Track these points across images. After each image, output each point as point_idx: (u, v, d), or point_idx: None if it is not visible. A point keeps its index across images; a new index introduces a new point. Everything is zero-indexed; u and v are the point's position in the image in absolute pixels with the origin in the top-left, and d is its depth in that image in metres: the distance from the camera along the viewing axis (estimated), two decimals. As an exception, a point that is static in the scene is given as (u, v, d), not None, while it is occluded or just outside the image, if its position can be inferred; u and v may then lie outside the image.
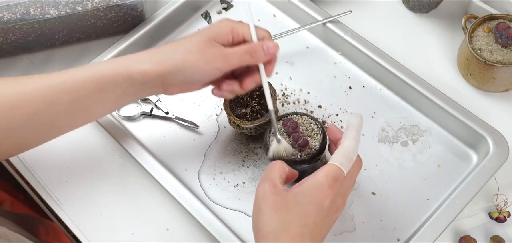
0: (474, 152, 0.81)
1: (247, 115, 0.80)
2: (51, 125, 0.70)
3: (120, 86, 0.69)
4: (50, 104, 0.67)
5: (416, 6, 0.95)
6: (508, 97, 0.87)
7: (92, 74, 0.69)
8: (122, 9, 0.89)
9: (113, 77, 0.68)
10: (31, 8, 0.84)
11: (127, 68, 0.69)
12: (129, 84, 0.69)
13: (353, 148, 0.64)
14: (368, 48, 0.87)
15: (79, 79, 0.68)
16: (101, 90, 0.68)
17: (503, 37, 0.84)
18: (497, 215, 0.75)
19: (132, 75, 0.68)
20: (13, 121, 0.66)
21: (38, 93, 0.67)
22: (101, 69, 0.69)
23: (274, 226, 0.61)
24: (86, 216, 0.78)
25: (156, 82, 0.69)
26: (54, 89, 0.67)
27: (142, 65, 0.69)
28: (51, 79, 0.68)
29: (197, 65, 0.68)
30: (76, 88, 0.68)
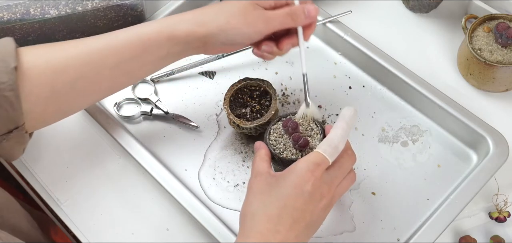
0: (474, 152, 0.81)
1: (247, 115, 0.80)
2: (95, 88, 0.70)
3: (163, 47, 0.70)
4: (94, 67, 0.68)
5: (416, 6, 0.95)
6: (508, 97, 0.87)
7: (137, 36, 0.69)
8: (122, 9, 0.89)
9: (157, 38, 0.69)
10: (31, 8, 0.84)
11: (171, 29, 0.70)
12: (172, 44, 0.70)
13: (339, 138, 0.65)
14: (368, 48, 0.87)
15: (123, 41, 0.69)
16: (145, 51, 0.69)
17: (503, 37, 0.84)
18: (497, 215, 0.75)
19: (176, 36, 0.69)
20: (58, 87, 0.67)
21: (83, 57, 0.67)
22: (145, 31, 0.70)
23: (254, 207, 0.63)
24: (86, 216, 0.78)
25: (198, 43, 0.70)
26: (98, 52, 0.68)
27: (186, 25, 0.70)
28: (95, 42, 0.69)
29: (239, 27, 0.69)
30: (121, 50, 0.69)
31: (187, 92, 0.88)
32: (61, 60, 0.67)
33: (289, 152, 0.73)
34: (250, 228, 0.62)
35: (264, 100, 0.81)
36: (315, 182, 0.63)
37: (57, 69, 0.66)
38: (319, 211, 0.64)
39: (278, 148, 0.73)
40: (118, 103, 0.86)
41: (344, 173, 0.67)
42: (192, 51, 0.72)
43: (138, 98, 0.87)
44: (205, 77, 0.90)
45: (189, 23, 0.70)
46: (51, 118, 0.71)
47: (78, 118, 0.86)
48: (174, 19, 0.71)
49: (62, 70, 0.66)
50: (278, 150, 0.73)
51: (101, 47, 0.68)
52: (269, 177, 0.65)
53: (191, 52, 0.72)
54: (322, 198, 0.64)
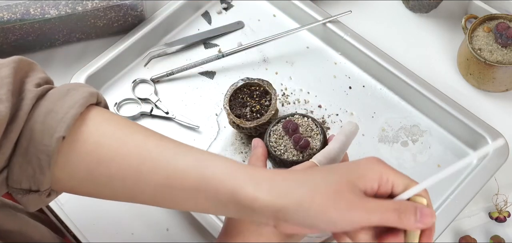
0: (474, 152, 0.81)
1: (247, 115, 0.80)
2: (134, 196, 0.59)
3: (221, 199, 0.55)
4: (138, 178, 0.57)
5: (416, 6, 0.95)
6: (508, 97, 0.87)
7: (198, 172, 0.55)
8: (122, 9, 0.89)
9: (217, 186, 0.54)
10: (31, 8, 0.84)
11: (236, 184, 0.54)
12: (234, 203, 0.54)
13: (336, 151, 0.64)
14: (368, 48, 0.87)
15: (181, 171, 0.56)
16: (198, 191, 0.55)
17: (503, 37, 0.84)
18: (497, 215, 0.75)
19: (240, 197, 0.53)
20: (95, 175, 0.58)
21: (132, 161, 0.57)
22: (208, 170, 0.55)
23: None
24: (86, 216, 0.78)
25: (267, 215, 0.53)
26: (150, 163, 0.57)
27: (255, 187, 0.53)
28: (151, 151, 0.57)
29: (326, 211, 0.51)
30: (173, 178, 0.56)
31: (187, 92, 0.88)
32: (111, 149, 0.57)
33: (290, 153, 0.73)
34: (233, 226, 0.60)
35: (264, 100, 0.81)
36: None
37: (103, 158, 0.57)
38: None
39: (279, 149, 0.73)
40: (118, 103, 0.86)
41: None
42: (258, 220, 0.55)
43: (138, 98, 0.87)
44: (205, 77, 0.90)
45: (260, 187, 0.53)
46: (80, 193, 0.63)
47: (78, 118, 0.86)
48: (245, 175, 0.54)
49: (106, 161, 0.57)
50: (279, 151, 0.73)
51: (154, 158, 0.57)
52: None
53: (258, 220, 0.56)
54: None
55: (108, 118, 0.59)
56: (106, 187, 0.59)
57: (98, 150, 0.57)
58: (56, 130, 0.55)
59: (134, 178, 0.57)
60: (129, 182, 0.57)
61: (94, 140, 0.57)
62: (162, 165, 0.56)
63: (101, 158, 0.57)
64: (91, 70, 0.87)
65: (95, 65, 0.88)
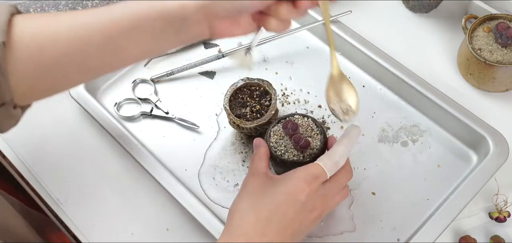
0: (474, 152, 0.81)
1: (247, 115, 0.80)
2: (83, 66, 0.63)
3: (156, 24, 0.61)
4: (80, 44, 0.61)
5: (416, 6, 0.95)
6: (508, 97, 0.87)
7: (126, 10, 0.61)
8: (122, 9, 0.89)
9: (149, 13, 0.60)
10: (31, 8, 0.84)
11: (163, 2, 0.60)
12: (167, 21, 0.61)
13: (341, 154, 0.65)
14: (368, 48, 0.87)
15: (111, 16, 0.61)
16: (135, 28, 0.61)
17: (503, 37, 0.84)
18: (497, 215, 0.75)
19: (170, 10, 0.60)
20: (44, 63, 0.61)
21: (69, 32, 0.61)
22: (135, 5, 0.61)
23: (244, 205, 0.62)
24: (86, 216, 0.78)
25: (198, 16, 0.60)
26: (85, 27, 0.61)
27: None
28: (83, 17, 0.62)
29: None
30: (109, 26, 0.61)
31: (187, 92, 0.88)
32: (47, 34, 0.61)
33: (290, 153, 0.73)
34: (237, 226, 0.61)
35: (264, 100, 0.81)
36: (310, 194, 0.63)
37: (43, 44, 0.61)
38: (308, 222, 0.64)
39: (279, 150, 0.73)
40: (118, 103, 0.86)
41: (339, 188, 0.67)
42: (195, 30, 0.62)
43: (138, 98, 0.87)
44: (205, 77, 0.90)
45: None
46: (39, 94, 0.66)
47: (78, 118, 0.86)
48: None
49: (47, 45, 0.61)
50: (279, 152, 0.73)
51: (88, 21, 0.61)
52: (265, 178, 0.65)
53: (195, 31, 0.62)
54: (314, 210, 0.64)
55: (33, 16, 0.64)
56: (56, 71, 0.62)
57: (36, 40, 0.61)
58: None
59: (78, 47, 0.61)
60: (75, 53, 0.61)
61: (30, 34, 0.61)
62: (97, 22, 0.61)
63: (42, 44, 0.61)
64: (91, 70, 0.87)
65: (95, 65, 0.88)
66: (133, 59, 0.66)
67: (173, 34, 0.61)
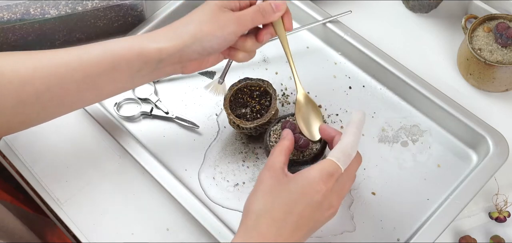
0: (474, 152, 0.81)
1: (247, 115, 0.80)
2: (61, 102, 0.69)
3: (134, 65, 0.68)
4: (61, 81, 0.66)
5: (416, 6, 0.95)
6: (508, 97, 0.87)
7: (105, 52, 0.67)
8: (122, 9, 0.89)
9: (127, 55, 0.68)
10: (31, 8, 0.84)
11: (142, 46, 0.68)
12: (144, 62, 0.68)
13: (352, 144, 0.65)
14: (368, 48, 0.87)
15: (92, 56, 0.67)
16: (114, 69, 0.68)
17: (503, 37, 0.84)
18: (497, 215, 0.75)
19: (147, 53, 0.68)
20: (23, 97, 0.65)
21: (49, 69, 0.66)
22: (115, 47, 0.68)
23: (260, 206, 0.62)
24: (86, 216, 0.78)
25: (173, 59, 0.69)
26: (66, 65, 0.66)
27: (157, 42, 0.68)
28: (64, 55, 0.67)
29: (213, 32, 0.68)
30: (88, 65, 0.67)
31: (187, 92, 0.88)
32: (28, 69, 0.66)
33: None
34: (253, 227, 0.62)
35: (264, 100, 0.81)
36: (326, 193, 0.62)
37: (24, 79, 0.65)
38: (324, 219, 0.64)
39: (278, 148, 0.73)
40: (118, 103, 0.86)
41: (353, 179, 0.67)
42: (168, 69, 0.70)
43: (138, 98, 0.87)
44: (205, 77, 0.90)
45: (160, 39, 0.68)
46: (16, 128, 0.70)
47: (78, 118, 0.86)
48: (146, 36, 0.70)
49: (28, 81, 0.65)
50: (278, 150, 0.73)
51: (70, 60, 0.67)
52: (281, 176, 0.64)
53: (167, 70, 0.70)
54: (330, 207, 0.64)
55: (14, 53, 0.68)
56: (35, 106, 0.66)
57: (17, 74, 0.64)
58: None
59: (58, 83, 0.66)
60: (54, 89, 0.66)
61: (9, 69, 0.64)
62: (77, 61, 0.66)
63: (22, 79, 0.64)
64: (91, 70, 0.87)
65: (95, 65, 0.88)
66: (109, 95, 0.73)
67: (148, 73, 0.70)
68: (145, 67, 0.69)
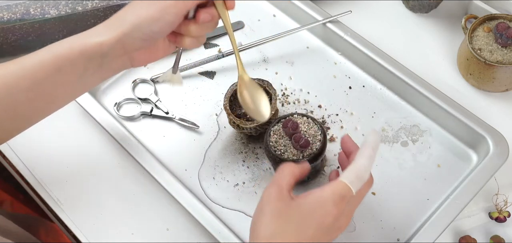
0: (474, 152, 0.81)
1: (247, 115, 0.80)
2: (13, 113, 0.66)
3: (78, 64, 0.64)
4: (9, 92, 0.63)
5: (416, 6, 0.95)
6: (508, 97, 0.87)
7: (48, 55, 0.64)
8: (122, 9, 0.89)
9: (69, 54, 0.64)
10: (31, 8, 0.84)
11: (82, 42, 0.64)
12: (87, 59, 0.64)
13: (366, 167, 0.62)
14: (368, 48, 0.87)
15: (35, 61, 0.64)
16: (59, 71, 0.64)
17: (503, 37, 0.84)
18: (497, 215, 0.75)
19: (89, 49, 0.63)
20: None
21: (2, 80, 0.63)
22: (57, 48, 0.64)
23: (271, 231, 0.59)
24: (86, 216, 0.78)
25: (117, 51, 0.64)
26: (12, 75, 0.64)
27: (97, 36, 0.64)
28: (10, 65, 0.64)
29: (152, 15, 0.63)
30: (32, 71, 0.64)
31: (187, 92, 0.88)
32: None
33: (290, 153, 0.73)
34: None
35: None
36: (337, 215, 0.60)
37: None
38: (332, 238, 0.62)
39: (279, 149, 0.73)
40: (118, 103, 0.86)
41: (361, 200, 0.65)
42: (115, 64, 0.66)
43: (138, 98, 0.87)
44: (205, 77, 0.90)
45: (99, 33, 0.64)
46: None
47: (78, 118, 0.86)
48: (88, 31, 0.65)
49: None
50: (279, 151, 0.73)
51: (15, 69, 0.64)
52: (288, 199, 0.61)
53: (115, 65, 0.66)
54: (339, 229, 0.62)
55: None
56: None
57: None
58: None
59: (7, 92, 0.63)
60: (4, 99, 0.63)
61: None
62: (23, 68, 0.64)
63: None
64: (91, 70, 0.87)
65: (95, 65, 0.88)
66: (61, 102, 0.69)
67: (95, 71, 0.65)
68: (90, 64, 0.64)
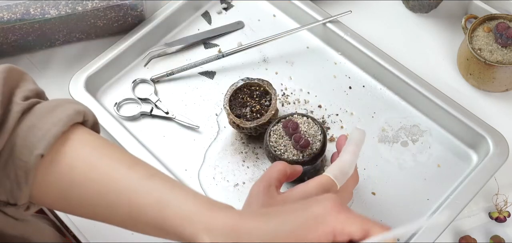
0: (474, 152, 0.81)
1: (247, 115, 0.80)
2: (103, 217, 0.60)
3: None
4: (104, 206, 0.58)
5: (416, 6, 0.95)
6: (508, 97, 0.87)
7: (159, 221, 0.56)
8: (122, 9, 0.89)
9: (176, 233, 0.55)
10: (31, 8, 0.84)
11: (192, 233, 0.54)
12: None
13: (350, 163, 0.63)
14: (368, 48, 0.87)
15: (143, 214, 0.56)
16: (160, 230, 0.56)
17: (503, 37, 0.84)
18: (497, 215, 0.75)
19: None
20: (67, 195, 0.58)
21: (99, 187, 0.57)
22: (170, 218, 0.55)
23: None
24: (86, 216, 0.78)
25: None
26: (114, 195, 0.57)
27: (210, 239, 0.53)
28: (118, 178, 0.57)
29: None
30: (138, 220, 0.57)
31: (187, 92, 0.88)
32: (82, 173, 0.57)
33: (290, 153, 0.73)
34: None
35: (264, 100, 0.81)
36: None
37: (74, 181, 0.57)
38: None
39: (279, 149, 0.73)
40: (118, 103, 0.86)
41: (349, 196, 0.66)
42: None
43: (138, 98, 0.87)
44: (205, 77, 0.90)
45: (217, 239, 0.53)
46: (56, 209, 0.66)
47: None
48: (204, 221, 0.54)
49: (78, 185, 0.57)
50: (279, 151, 0.73)
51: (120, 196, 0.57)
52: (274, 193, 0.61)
53: None
54: None
55: (86, 140, 0.59)
56: (79, 208, 0.59)
57: (71, 172, 0.57)
58: (36, 146, 0.55)
59: (103, 205, 0.57)
60: (99, 208, 0.57)
61: (68, 162, 0.57)
62: (126, 200, 0.56)
63: (73, 181, 0.57)
64: (91, 70, 0.87)
65: (95, 65, 0.88)
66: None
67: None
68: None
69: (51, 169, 0.56)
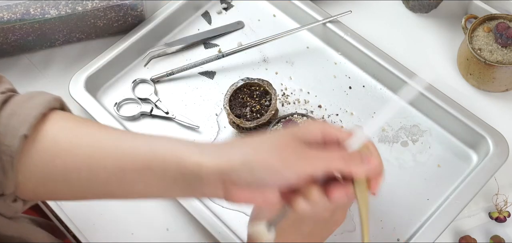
0: (474, 152, 0.81)
1: (247, 115, 0.80)
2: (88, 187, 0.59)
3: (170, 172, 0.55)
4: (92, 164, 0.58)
5: (416, 6, 0.95)
6: (508, 97, 0.87)
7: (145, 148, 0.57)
8: (122, 9, 0.89)
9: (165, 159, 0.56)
10: (31, 8, 0.84)
11: (182, 154, 0.55)
12: (181, 173, 0.55)
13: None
14: (368, 48, 0.87)
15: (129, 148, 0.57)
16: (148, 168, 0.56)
17: (503, 37, 0.84)
18: (497, 215, 0.75)
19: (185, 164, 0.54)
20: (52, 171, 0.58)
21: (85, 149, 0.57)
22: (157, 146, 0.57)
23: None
24: (86, 216, 0.78)
25: (214, 179, 0.53)
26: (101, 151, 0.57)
27: (200, 156, 0.54)
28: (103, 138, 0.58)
29: (270, 162, 0.52)
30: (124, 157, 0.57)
31: (187, 92, 0.88)
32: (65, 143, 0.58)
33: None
34: None
35: (264, 100, 0.81)
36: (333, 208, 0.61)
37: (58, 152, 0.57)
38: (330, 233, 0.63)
39: (278, 148, 0.73)
40: (118, 103, 0.86)
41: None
42: (206, 190, 0.55)
43: (138, 98, 0.87)
44: (205, 77, 0.90)
45: (204, 153, 0.54)
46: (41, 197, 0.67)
47: (78, 118, 0.86)
48: (193, 145, 0.56)
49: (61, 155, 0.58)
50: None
51: (106, 145, 0.58)
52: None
53: (206, 190, 0.55)
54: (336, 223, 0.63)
55: (68, 117, 0.61)
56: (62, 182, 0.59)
57: (54, 145, 0.58)
58: (18, 129, 0.56)
59: (88, 167, 0.57)
60: (83, 172, 0.58)
61: (51, 137, 0.58)
62: (113, 149, 0.57)
63: (56, 152, 0.58)
64: (91, 70, 0.87)
65: (95, 65, 0.88)
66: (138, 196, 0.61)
67: (184, 187, 0.56)
68: (181, 179, 0.55)
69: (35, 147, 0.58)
